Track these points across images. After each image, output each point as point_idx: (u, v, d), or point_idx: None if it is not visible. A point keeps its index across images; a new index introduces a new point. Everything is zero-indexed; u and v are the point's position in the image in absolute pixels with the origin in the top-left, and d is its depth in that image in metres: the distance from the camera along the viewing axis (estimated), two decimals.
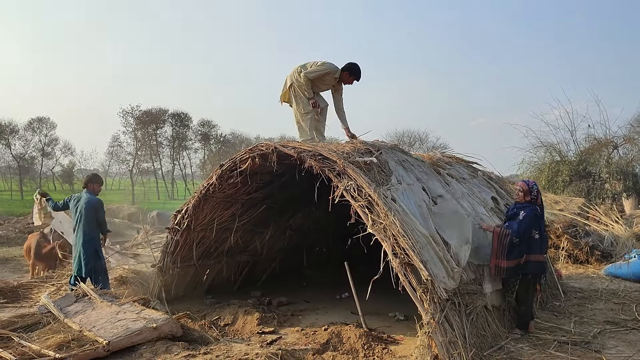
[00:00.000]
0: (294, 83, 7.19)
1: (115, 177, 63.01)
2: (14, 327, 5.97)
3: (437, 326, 4.59)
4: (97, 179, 7.64)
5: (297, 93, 7.20)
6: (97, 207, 7.25)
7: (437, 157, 7.96)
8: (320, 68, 7.12)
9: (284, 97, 7.42)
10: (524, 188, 6.04)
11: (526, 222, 5.81)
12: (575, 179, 18.26)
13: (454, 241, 5.69)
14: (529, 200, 5.98)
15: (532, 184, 6.11)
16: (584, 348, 5.40)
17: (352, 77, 7.28)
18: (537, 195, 6.04)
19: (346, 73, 7.22)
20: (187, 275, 7.97)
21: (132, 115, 52.18)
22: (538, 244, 5.87)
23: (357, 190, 5.36)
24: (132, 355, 5.19)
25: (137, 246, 12.84)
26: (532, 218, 5.84)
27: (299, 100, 7.22)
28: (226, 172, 6.90)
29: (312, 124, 7.26)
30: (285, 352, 5.16)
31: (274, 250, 9.46)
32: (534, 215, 5.87)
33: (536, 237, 5.85)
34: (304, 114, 7.22)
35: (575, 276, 9.58)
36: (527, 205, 5.95)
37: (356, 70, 7.24)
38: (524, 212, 5.89)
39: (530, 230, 5.82)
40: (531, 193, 5.99)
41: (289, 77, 7.29)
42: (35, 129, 51.28)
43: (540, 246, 5.91)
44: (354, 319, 6.42)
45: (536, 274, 5.99)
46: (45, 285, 9.10)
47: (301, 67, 7.19)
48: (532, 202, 5.97)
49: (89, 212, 7.12)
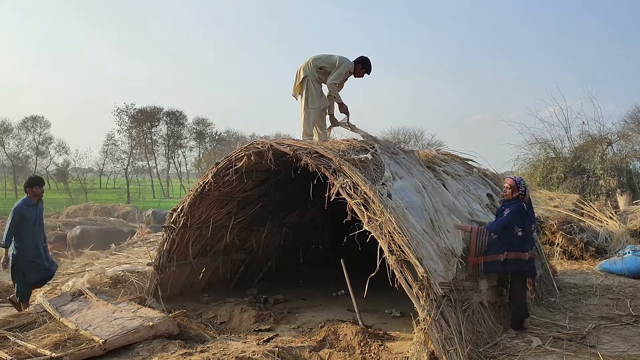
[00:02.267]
0: (308, 76, 7.20)
1: (110, 176, 62.82)
2: (10, 326, 5.96)
3: (433, 322, 4.60)
4: (34, 181, 7.34)
5: (310, 87, 7.21)
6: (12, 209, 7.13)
7: (432, 154, 7.98)
8: (342, 70, 7.12)
9: (298, 90, 7.41)
10: (511, 185, 5.98)
11: (508, 218, 5.78)
12: (569, 176, 18.32)
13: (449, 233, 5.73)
14: (517, 197, 5.93)
15: (519, 179, 6.05)
16: (579, 343, 5.43)
17: (364, 70, 7.35)
18: (524, 191, 5.97)
19: (359, 66, 7.28)
20: (183, 273, 7.96)
21: (127, 114, 52.10)
22: (520, 241, 5.76)
23: (353, 187, 5.36)
24: (128, 353, 5.20)
25: (132, 245, 12.81)
26: (515, 214, 5.79)
27: (309, 94, 7.24)
28: (222, 170, 6.89)
29: (315, 120, 7.29)
30: (281, 349, 5.17)
31: (270, 248, 9.46)
32: (519, 212, 5.82)
33: (519, 234, 5.75)
34: (310, 108, 7.23)
35: (570, 272, 9.63)
36: (514, 202, 5.91)
37: (369, 64, 7.33)
38: (508, 210, 5.87)
39: (513, 226, 5.75)
40: (519, 189, 5.93)
41: (302, 70, 7.26)
42: (29, 127, 51.17)
43: (522, 243, 5.79)
44: (351, 316, 6.44)
45: (520, 273, 5.88)
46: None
47: (316, 61, 7.20)
48: (519, 199, 5.93)
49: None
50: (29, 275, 7.05)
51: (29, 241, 7.02)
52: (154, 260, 7.53)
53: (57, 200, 36.82)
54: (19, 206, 7.06)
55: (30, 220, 7.04)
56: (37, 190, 7.19)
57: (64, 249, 14.42)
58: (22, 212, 7.01)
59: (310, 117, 7.22)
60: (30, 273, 7.05)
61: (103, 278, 8.08)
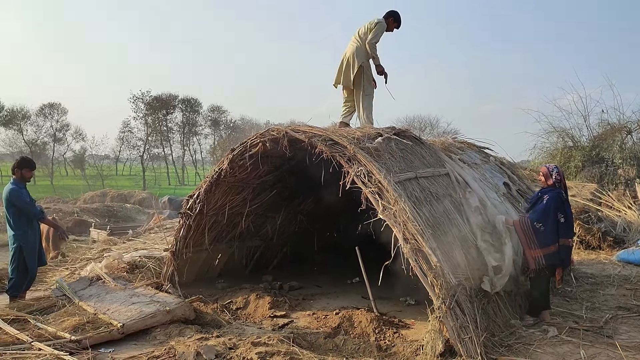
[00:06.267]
0: (363, 64, 7.26)
1: (126, 163, 63.35)
2: (30, 309, 6.09)
3: (448, 311, 4.60)
4: (25, 163, 6.77)
5: (368, 74, 7.36)
6: (9, 195, 6.48)
7: (448, 142, 7.92)
8: (379, 29, 7.23)
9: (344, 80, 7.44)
10: (544, 172, 6.02)
11: (548, 204, 5.76)
12: (588, 165, 18.05)
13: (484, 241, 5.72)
14: (552, 185, 5.93)
15: (553, 167, 6.06)
16: (596, 333, 5.40)
17: (395, 24, 7.47)
18: (559, 178, 5.97)
19: (391, 19, 7.41)
20: (199, 259, 8.04)
21: (143, 101, 52.36)
22: (564, 228, 5.77)
23: (368, 176, 5.34)
24: (146, 337, 5.28)
25: (149, 231, 12.95)
26: (555, 201, 5.77)
27: (367, 81, 7.37)
28: (237, 156, 6.90)
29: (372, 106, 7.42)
30: (297, 335, 5.22)
31: (285, 235, 9.50)
32: (558, 198, 5.80)
33: (562, 220, 5.75)
34: (366, 95, 7.39)
35: (587, 262, 9.53)
36: (551, 189, 5.90)
37: (399, 17, 7.45)
38: (547, 196, 5.85)
39: (556, 213, 5.74)
40: (552, 176, 5.93)
41: (355, 57, 7.28)
42: (46, 114, 51.65)
43: (566, 230, 5.81)
44: (365, 303, 6.45)
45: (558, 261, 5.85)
46: (60, 269, 9.24)
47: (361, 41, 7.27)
48: (557, 186, 5.93)
49: (5, 203, 6.54)
50: (31, 260, 6.60)
51: (31, 225, 6.64)
52: (170, 246, 7.61)
53: (74, 186, 37.29)
54: (15, 189, 6.50)
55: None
56: (27, 173, 6.70)
57: (83, 234, 14.60)
58: (22, 195, 6.54)
59: (370, 105, 7.37)
60: (31, 258, 6.60)
61: (120, 263, 8.18)
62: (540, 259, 5.68)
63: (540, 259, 5.68)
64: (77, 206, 22.63)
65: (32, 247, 6.63)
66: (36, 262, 6.77)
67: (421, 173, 6.04)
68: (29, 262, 6.60)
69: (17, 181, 6.62)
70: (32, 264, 6.65)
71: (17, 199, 6.47)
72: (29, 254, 6.59)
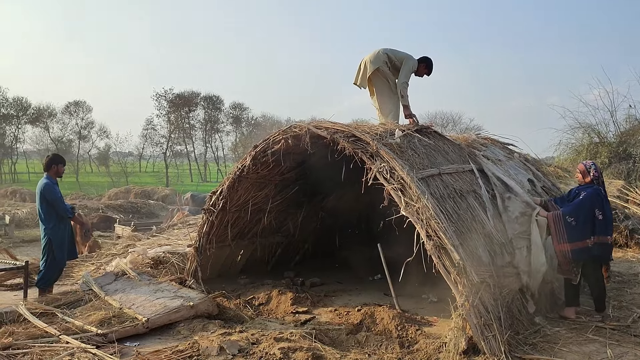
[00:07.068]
0: (381, 67, 7.22)
1: (149, 160, 64.18)
2: (58, 303, 6.22)
3: (472, 308, 4.56)
4: (60, 159, 7.07)
5: (388, 74, 7.30)
6: (43, 190, 6.71)
7: (472, 138, 7.84)
8: (409, 68, 7.19)
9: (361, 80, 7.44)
10: (581, 169, 6.00)
11: (584, 201, 5.71)
12: (614, 161, 17.73)
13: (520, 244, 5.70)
14: (590, 182, 5.88)
15: (590, 164, 6.01)
16: (623, 332, 5.30)
17: (426, 71, 7.44)
18: (597, 175, 5.91)
19: (423, 65, 7.37)
20: (222, 255, 8.10)
21: (166, 99, 52.97)
22: (602, 225, 5.69)
23: (390, 172, 5.32)
24: (170, 332, 5.35)
25: (172, 227, 13.10)
26: (593, 197, 5.71)
27: (390, 82, 7.33)
28: (260, 153, 6.94)
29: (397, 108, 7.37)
30: (319, 331, 5.23)
31: (307, 231, 9.52)
32: (597, 195, 5.74)
33: (600, 217, 5.68)
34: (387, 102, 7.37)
35: (614, 260, 9.35)
36: (589, 186, 5.86)
37: (432, 65, 7.42)
38: (584, 192, 5.80)
39: (593, 209, 5.68)
40: (589, 173, 5.90)
41: (370, 62, 7.25)
42: (72, 112, 52.58)
43: (605, 228, 5.73)
44: (387, 300, 6.44)
45: (603, 258, 5.83)
46: (86, 264, 9.42)
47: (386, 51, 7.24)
48: (594, 183, 5.87)
49: (39, 198, 6.76)
50: (59, 254, 6.79)
51: (62, 220, 6.84)
52: (193, 242, 7.68)
53: (99, 183, 37.93)
54: (49, 184, 6.73)
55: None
56: (61, 169, 6.99)
57: (108, 230, 14.86)
58: (55, 190, 6.75)
59: (392, 113, 7.34)
60: (59, 252, 6.78)
61: (145, 259, 8.30)
62: (567, 253, 5.64)
63: (568, 253, 5.64)
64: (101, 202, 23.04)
65: (61, 241, 6.80)
66: (65, 256, 6.95)
67: (444, 169, 5.98)
68: (58, 256, 6.78)
69: (51, 177, 6.85)
70: (60, 258, 6.84)
71: (51, 193, 6.69)
72: (58, 248, 6.77)
